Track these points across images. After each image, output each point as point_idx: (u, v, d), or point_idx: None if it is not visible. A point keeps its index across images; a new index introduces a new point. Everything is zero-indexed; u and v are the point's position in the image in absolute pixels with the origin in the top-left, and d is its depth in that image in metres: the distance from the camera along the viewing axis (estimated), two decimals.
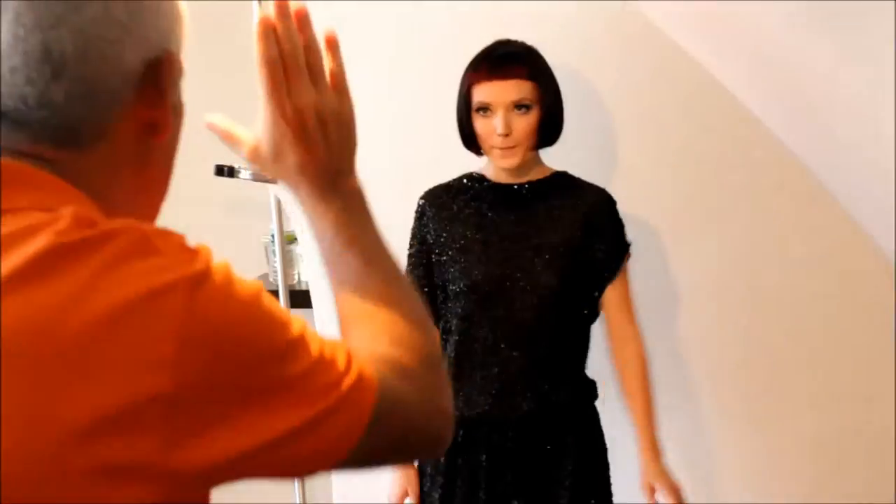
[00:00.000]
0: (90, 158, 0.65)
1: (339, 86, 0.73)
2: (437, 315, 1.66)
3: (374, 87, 1.73)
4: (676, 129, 1.85)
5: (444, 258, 1.62)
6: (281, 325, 0.61)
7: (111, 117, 0.66)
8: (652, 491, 1.61)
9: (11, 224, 0.57)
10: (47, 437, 0.53)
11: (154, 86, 0.67)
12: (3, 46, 0.62)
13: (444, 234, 1.63)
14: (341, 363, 0.64)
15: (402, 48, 1.89)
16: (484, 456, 1.62)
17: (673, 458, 1.67)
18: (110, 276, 0.56)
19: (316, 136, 0.71)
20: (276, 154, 0.72)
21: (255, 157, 0.75)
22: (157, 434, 0.55)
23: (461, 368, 1.62)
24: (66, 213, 0.58)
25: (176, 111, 0.70)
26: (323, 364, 0.62)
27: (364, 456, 0.66)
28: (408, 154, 1.89)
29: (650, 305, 1.76)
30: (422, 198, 1.68)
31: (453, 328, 1.64)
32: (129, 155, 0.68)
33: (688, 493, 1.63)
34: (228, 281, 0.59)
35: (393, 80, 1.88)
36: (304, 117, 0.70)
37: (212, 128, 0.77)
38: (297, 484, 2.01)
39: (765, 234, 1.86)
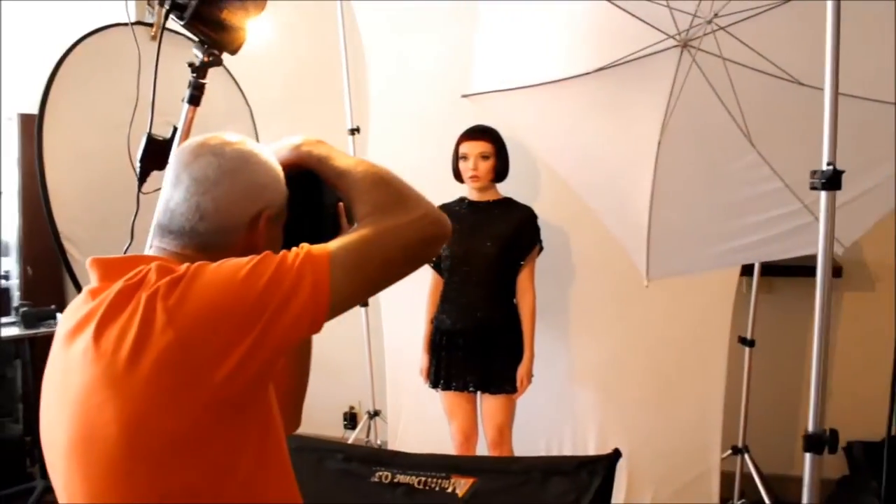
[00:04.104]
0: (214, 258, 0.97)
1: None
2: (440, 269, 2.80)
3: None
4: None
5: None
6: (230, 277, 0.89)
7: (230, 242, 1.02)
8: (521, 380, 2.74)
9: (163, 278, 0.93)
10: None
11: (255, 227, 1.03)
12: (178, 200, 1.01)
13: None
14: (292, 254, 0.93)
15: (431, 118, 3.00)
16: (457, 352, 2.78)
17: (540, 351, 2.78)
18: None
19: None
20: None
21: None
22: (187, 365, 0.88)
23: (447, 298, 2.79)
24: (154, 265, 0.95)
25: (270, 236, 1.04)
26: (280, 264, 0.91)
27: (353, 287, 0.94)
28: (437, 181, 2.78)
29: (544, 270, 2.91)
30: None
31: (444, 276, 2.82)
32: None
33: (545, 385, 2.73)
34: (196, 274, 0.91)
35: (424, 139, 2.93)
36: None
37: None
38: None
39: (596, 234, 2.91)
